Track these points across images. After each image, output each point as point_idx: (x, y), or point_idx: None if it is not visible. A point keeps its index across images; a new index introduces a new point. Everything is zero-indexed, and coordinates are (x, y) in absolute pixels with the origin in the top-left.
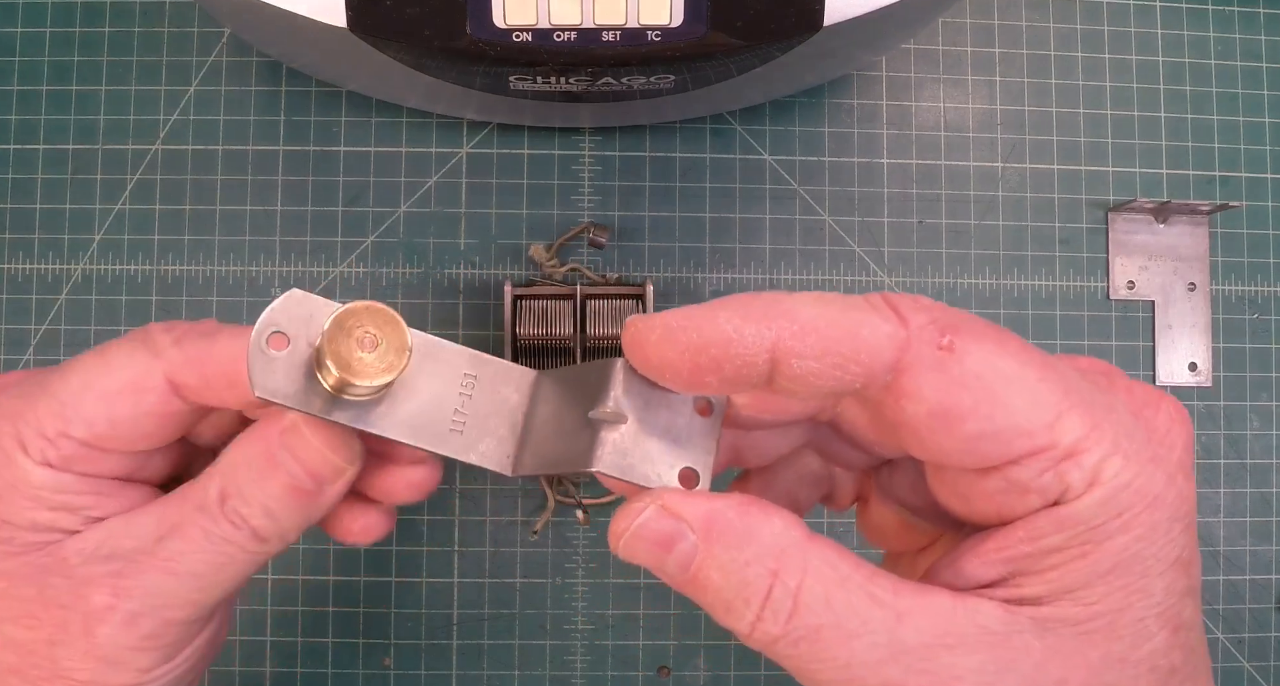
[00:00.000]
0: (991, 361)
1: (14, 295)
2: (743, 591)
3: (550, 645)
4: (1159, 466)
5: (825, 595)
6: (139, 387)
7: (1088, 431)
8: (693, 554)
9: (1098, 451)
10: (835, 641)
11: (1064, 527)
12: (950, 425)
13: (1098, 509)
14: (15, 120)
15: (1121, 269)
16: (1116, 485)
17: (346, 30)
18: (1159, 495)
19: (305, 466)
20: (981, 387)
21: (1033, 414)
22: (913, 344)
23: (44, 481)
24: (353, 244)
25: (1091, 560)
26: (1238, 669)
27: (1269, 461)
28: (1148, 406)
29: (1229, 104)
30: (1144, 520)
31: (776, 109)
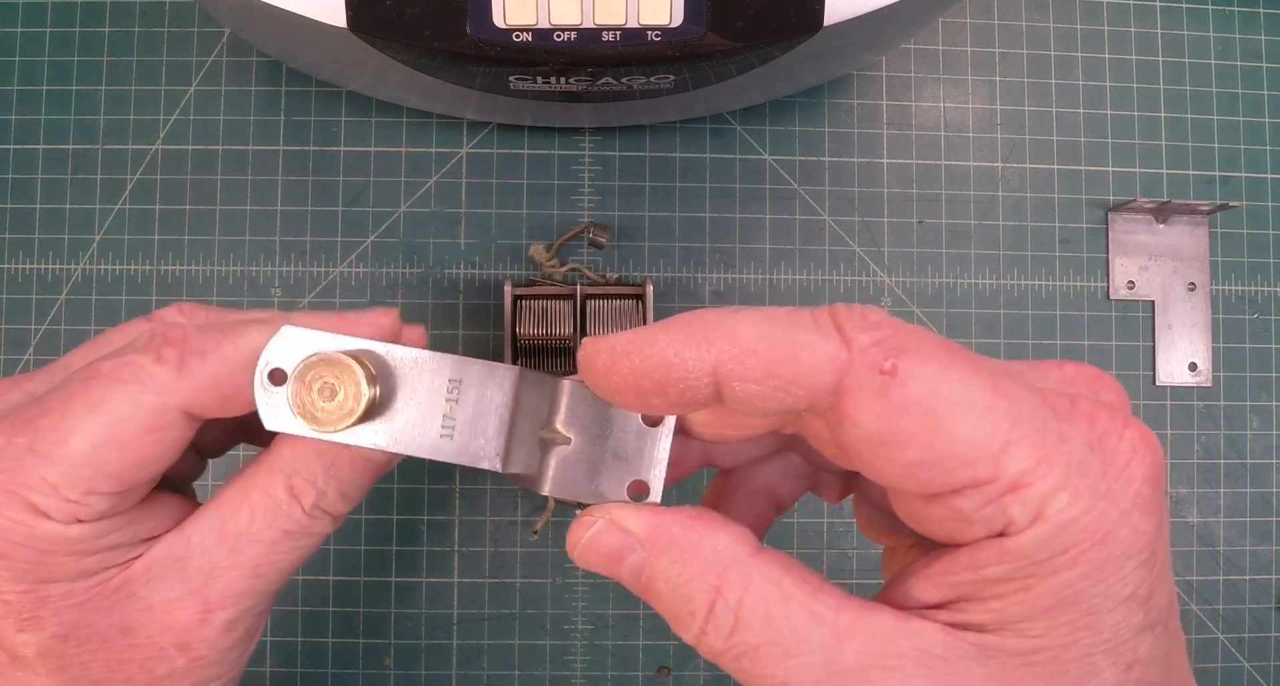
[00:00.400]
0: (935, 386)
1: (14, 295)
2: (687, 605)
3: (550, 645)
4: (1112, 502)
5: (765, 612)
6: (157, 428)
7: (1034, 463)
8: (641, 566)
9: (1043, 485)
10: (773, 659)
11: (1006, 559)
12: (890, 452)
13: (1041, 544)
14: (15, 120)
15: (1121, 269)
16: (1062, 521)
17: (346, 30)
18: (1109, 532)
19: None
20: (923, 414)
21: (976, 443)
22: (854, 367)
23: (81, 535)
24: (353, 244)
25: (1034, 594)
26: (1238, 669)
27: (1269, 461)
28: (1109, 435)
29: (1229, 104)
30: (1091, 557)
31: (776, 109)
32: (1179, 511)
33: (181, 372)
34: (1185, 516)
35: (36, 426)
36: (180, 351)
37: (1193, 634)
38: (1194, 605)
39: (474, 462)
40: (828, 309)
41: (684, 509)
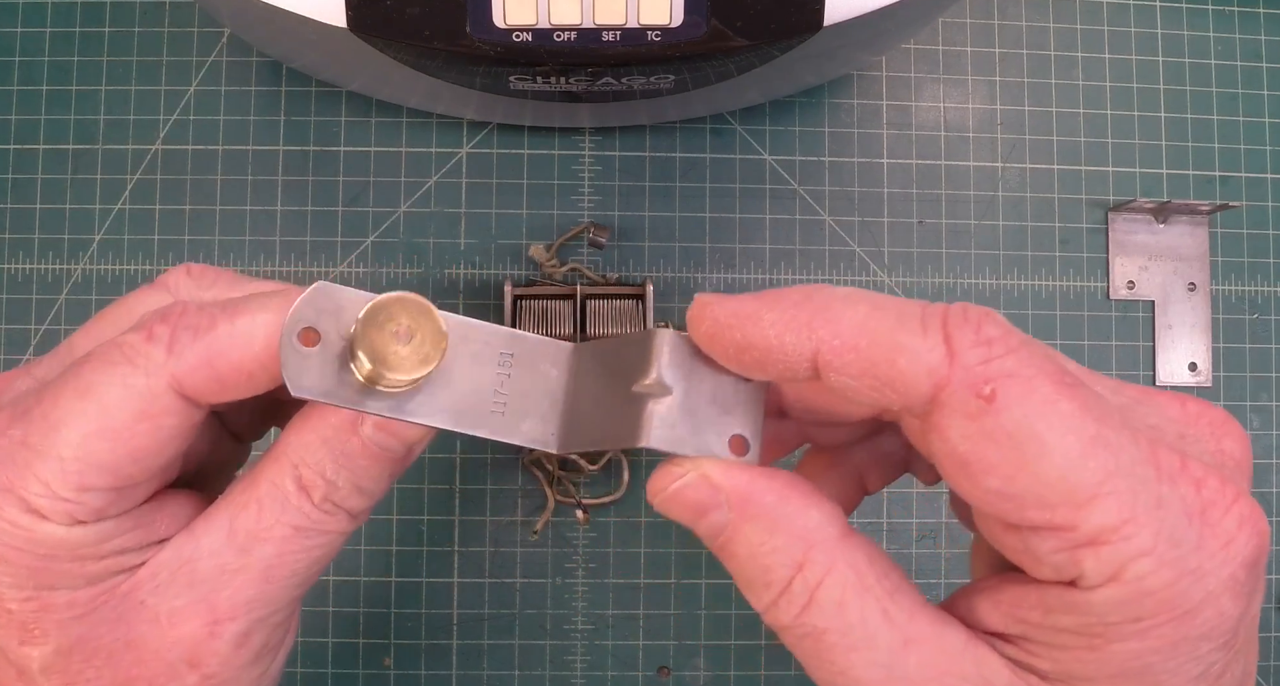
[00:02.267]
0: (1032, 422)
1: (14, 295)
2: (764, 575)
3: (550, 645)
4: (1199, 580)
5: (840, 600)
6: (150, 414)
7: (1119, 523)
8: (724, 526)
9: (1125, 547)
10: (837, 648)
11: (1075, 612)
12: (972, 476)
13: (1113, 607)
14: (15, 120)
15: (1121, 269)
16: (1139, 589)
17: (346, 30)
18: (1191, 610)
19: (398, 434)
20: (1013, 447)
21: (1062, 489)
22: (952, 384)
23: (83, 538)
24: (353, 244)
25: (1100, 655)
26: None
27: (1269, 461)
28: (1214, 508)
29: (1229, 104)
30: (1165, 633)
31: (776, 109)
32: None
33: (172, 351)
34: None
35: (30, 417)
36: (173, 328)
37: None
38: None
39: (526, 442)
40: (942, 310)
41: (780, 475)
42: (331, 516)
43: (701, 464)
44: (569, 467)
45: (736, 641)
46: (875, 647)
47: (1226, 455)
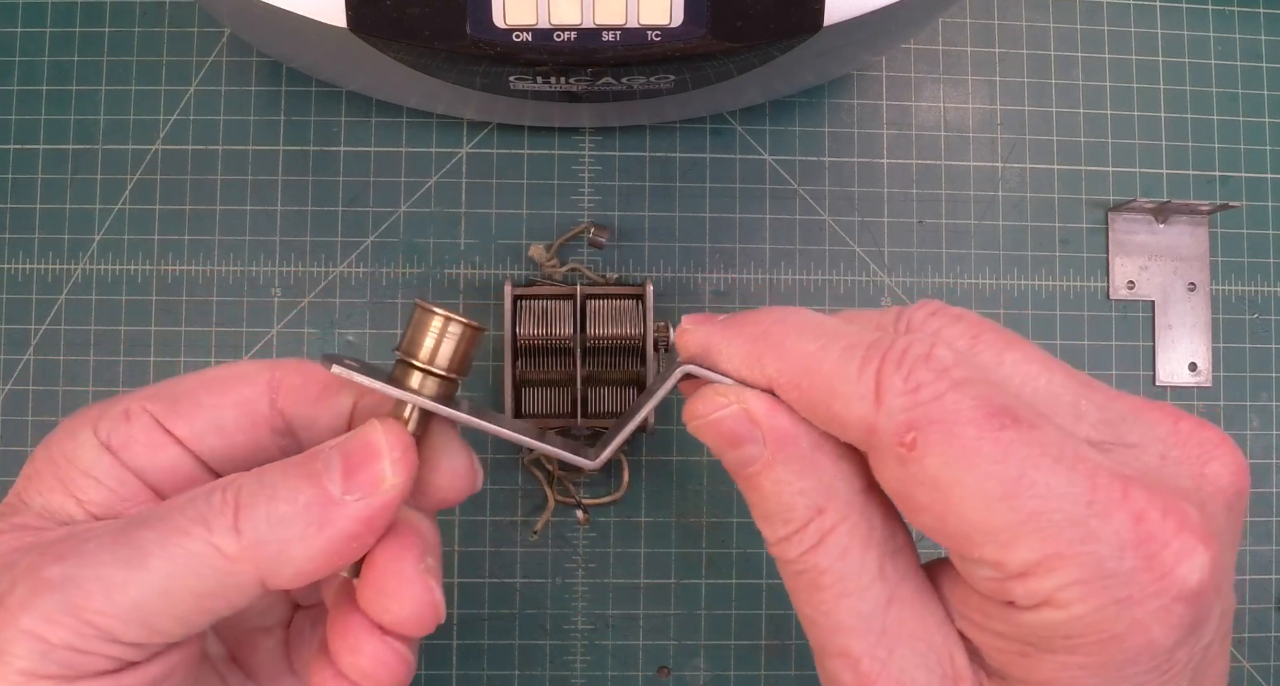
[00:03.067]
0: (950, 470)
1: (14, 295)
2: (785, 512)
3: (550, 645)
4: (1126, 608)
5: (846, 548)
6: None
7: (1042, 558)
8: (755, 459)
9: (1049, 580)
10: (830, 590)
11: (1009, 623)
12: (907, 513)
13: (1041, 627)
14: (15, 120)
15: (1121, 269)
16: (1068, 615)
17: (346, 30)
18: (1117, 635)
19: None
20: (936, 491)
21: (983, 529)
22: (878, 431)
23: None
24: (353, 244)
25: (1030, 663)
26: (1238, 668)
27: (1269, 461)
28: (1152, 541)
29: (1229, 104)
30: (1092, 653)
31: (776, 109)
32: None
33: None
34: None
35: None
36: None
37: None
38: None
39: (570, 457)
40: (884, 350)
41: (810, 425)
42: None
43: (746, 397)
44: (569, 468)
45: (736, 641)
46: (863, 598)
47: (1208, 479)
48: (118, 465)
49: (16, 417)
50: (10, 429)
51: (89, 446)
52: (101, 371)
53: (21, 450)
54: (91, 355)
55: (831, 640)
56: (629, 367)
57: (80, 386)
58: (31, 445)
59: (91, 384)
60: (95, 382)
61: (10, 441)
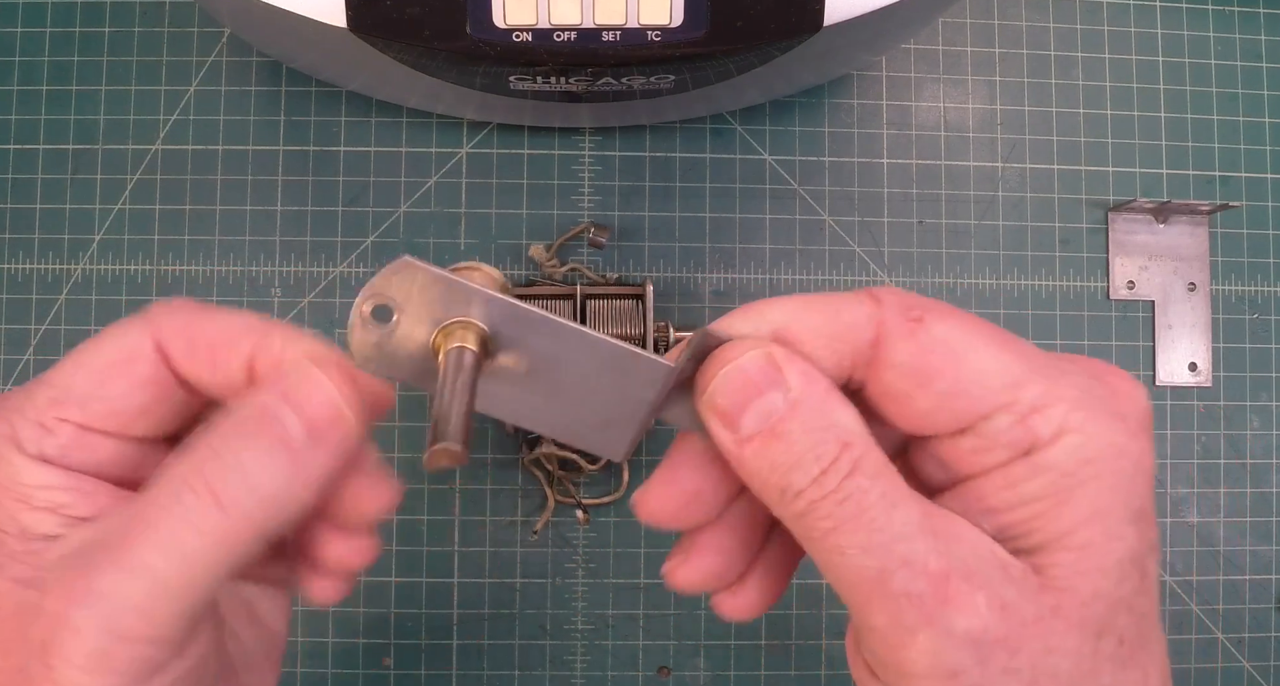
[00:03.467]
0: (955, 332)
1: (14, 295)
2: (816, 448)
3: (550, 645)
4: (1121, 421)
5: (879, 469)
6: (129, 357)
7: (1048, 390)
8: (777, 409)
9: (1061, 406)
10: (878, 506)
11: (1039, 473)
12: (924, 385)
13: (1068, 455)
14: (15, 120)
15: (1121, 269)
16: (1084, 434)
17: (346, 30)
18: (1124, 446)
19: (300, 409)
20: (947, 351)
21: (995, 375)
22: (887, 318)
23: (33, 476)
24: (353, 244)
25: (1071, 506)
26: (1238, 668)
27: (1269, 461)
28: (1108, 375)
29: (1229, 104)
30: (1112, 468)
31: (776, 109)
32: (1179, 511)
33: (172, 313)
34: (1185, 516)
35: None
36: (188, 302)
37: (1193, 634)
38: (1194, 605)
39: (603, 451)
40: (864, 289)
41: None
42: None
43: (769, 344)
44: (569, 467)
45: (736, 641)
46: (909, 507)
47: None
48: (65, 472)
49: None
50: None
51: (27, 465)
52: None
53: None
54: None
55: (894, 552)
56: None
57: None
58: None
59: None
60: None
61: None
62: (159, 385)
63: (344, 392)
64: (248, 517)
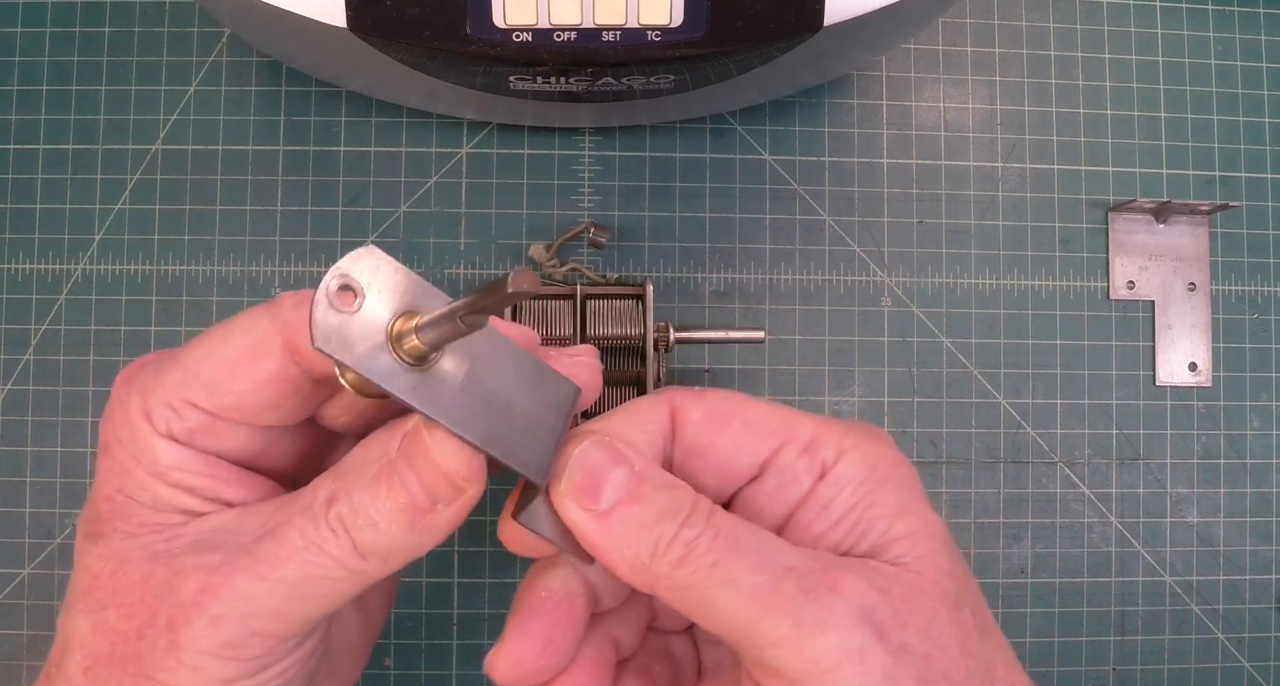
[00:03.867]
0: (730, 397)
1: (14, 295)
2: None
3: None
4: (885, 444)
5: (726, 513)
6: (257, 352)
7: (819, 429)
8: (629, 481)
9: (833, 437)
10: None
11: (839, 488)
12: (718, 433)
13: (856, 466)
14: (15, 120)
15: (1121, 269)
16: (860, 450)
17: (346, 30)
18: (895, 456)
19: (421, 478)
20: (730, 405)
21: (772, 417)
22: (674, 397)
23: (166, 455)
24: (353, 244)
25: (880, 506)
26: (1238, 668)
27: (1269, 461)
28: (854, 425)
29: (1229, 104)
30: (897, 474)
31: (776, 109)
32: (1179, 511)
33: (299, 305)
34: (1185, 516)
35: (190, 343)
36: (299, 296)
37: (1193, 634)
38: (1194, 605)
39: (522, 469)
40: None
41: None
42: (336, 538)
43: (597, 432)
44: None
45: None
46: (768, 533)
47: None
48: (195, 454)
49: (16, 417)
50: (10, 429)
51: (160, 443)
52: (101, 371)
53: (21, 450)
54: (91, 355)
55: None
56: (629, 368)
57: (80, 386)
58: (32, 445)
59: (91, 384)
60: (95, 383)
61: (10, 441)
62: (286, 382)
63: (469, 459)
64: (383, 563)
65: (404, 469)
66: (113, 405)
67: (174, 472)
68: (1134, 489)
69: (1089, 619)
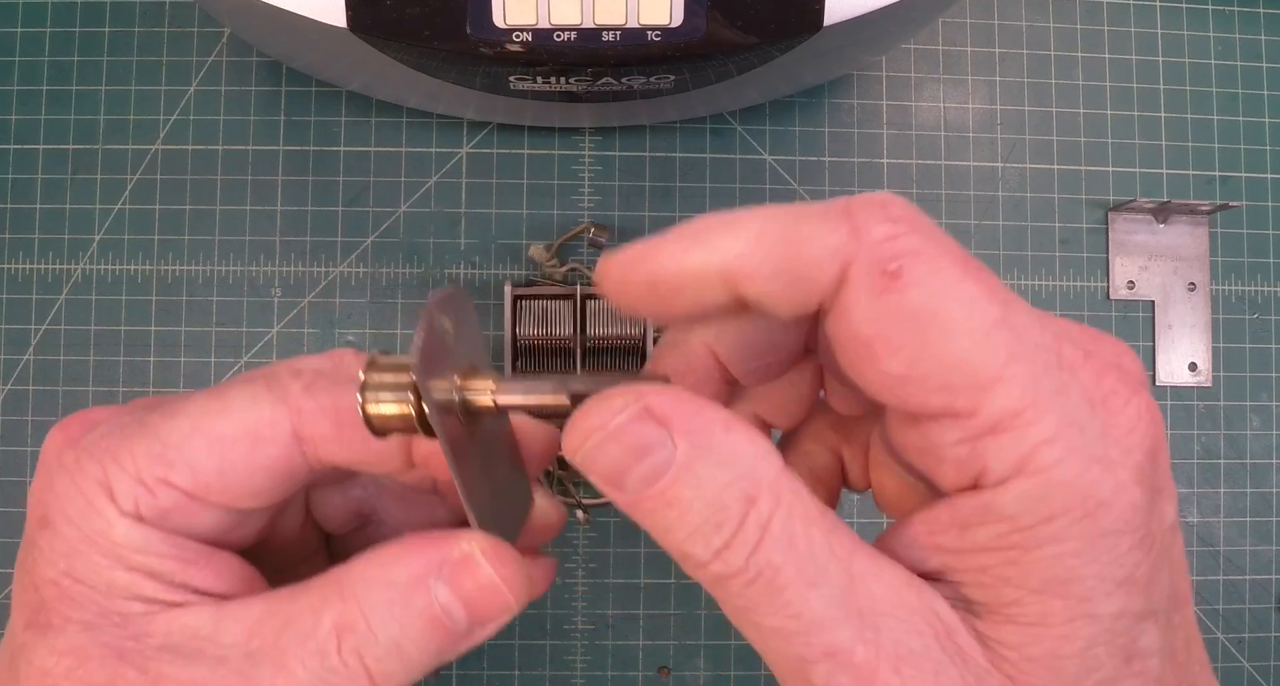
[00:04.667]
0: (937, 299)
1: (14, 295)
2: (715, 515)
3: (550, 645)
4: (1109, 469)
5: (790, 534)
6: (259, 437)
7: (1024, 407)
8: (667, 467)
9: (1030, 433)
10: (793, 586)
11: (988, 519)
12: (876, 358)
13: (1023, 505)
14: (15, 120)
15: (1121, 269)
16: (1047, 480)
17: (346, 30)
18: (1104, 501)
19: (466, 600)
20: (916, 327)
21: (963, 370)
22: (859, 261)
23: (127, 536)
24: (353, 244)
25: (1021, 569)
26: (1238, 669)
27: (1269, 461)
28: (1115, 396)
29: (1229, 104)
30: (1081, 531)
31: (776, 109)
32: (1179, 511)
33: (310, 392)
34: (1185, 516)
35: (165, 406)
36: (318, 375)
37: None
38: (1194, 605)
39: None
40: (846, 199)
41: (716, 405)
42: (349, 671)
43: (643, 393)
44: (569, 467)
45: (736, 641)
46: (830, 581)
47: (1125, 368)
48: (161, 535)
49: (16, 417)
50: (10, 429)
51: (120, 522)
52: (101, 371)
53: (21, 450)
54: (91, 355)
55: (813, 643)
56: (629, 368)
57: (80, 386)
58: (32, 445)
59: (91, 384)
60: (95, 383)
61: (10, 441)
62: (287, 469)
63: (507, 575)
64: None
65: (444, 591)
66: (55, 472)
67: (135, 556)
68: None
69: None
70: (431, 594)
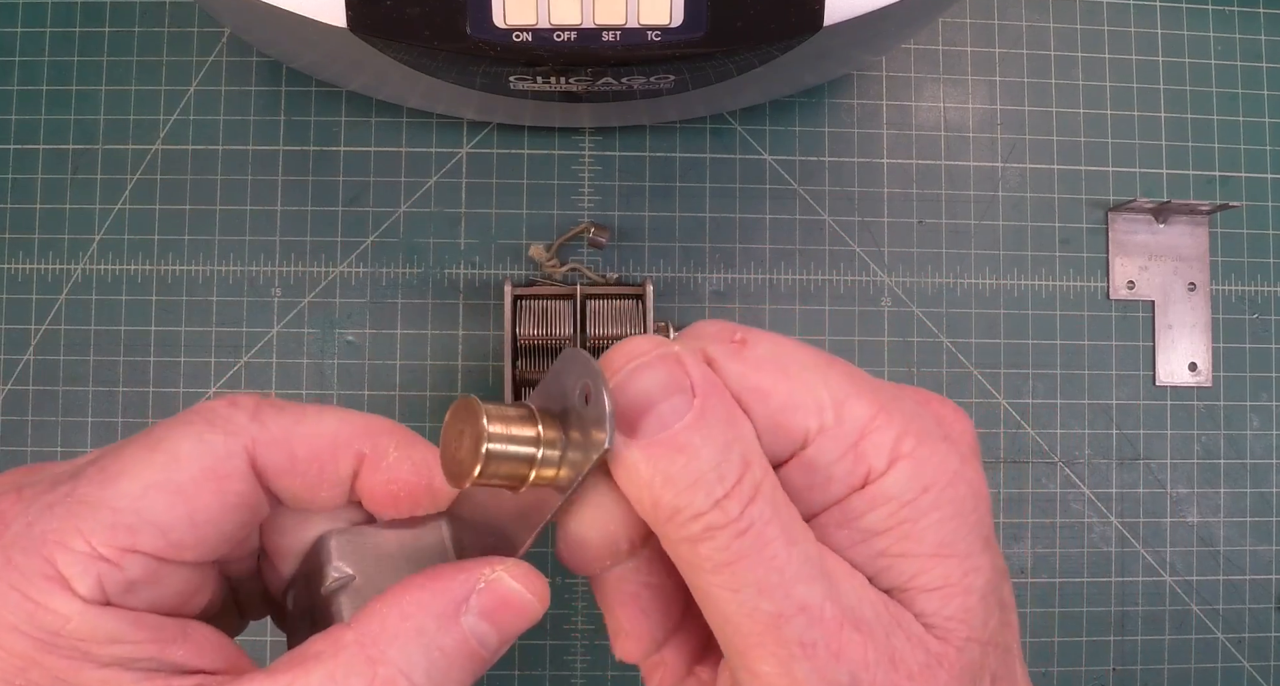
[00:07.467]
0: (779, 350)
1: (14, 295)
2: (718, 467)
3: (550, 645)
4: (952, 447)
5: (775, 499)
6: (219, 474)
7: (875, 412)
8: (685, 411)
9: (890, 430)
10: (778, 542)
11: (876, 504)
12: (753, 403)
13: (905, 483)
14: (15, 120)
15: (1121, 269)
16: (916, 460)
17: (346, 30)
18: (958, 471)
19: (497, 621)
20: (773, 368)
21: (820, 391)
22: (710, 346)
23: (93, 627)
24: (353, 244)
25: (914, 540)
26: (1238, 669)
27: (1269, 461)
28: (933, 402)
29: (1229, 104)
30: (950, 496)
31: (776, 109)
32: (1179, 511)
33: (260, 421)
34: (1185, 516)
35: (84, 473)
36: (259, 403)
37: (1193, 634)
38: (1194, 605)
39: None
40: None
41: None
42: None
43: (671, 346)
44: None
45: None
46: (806, 544)
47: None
48: (132, 617)
49: (16, 417)
50: (10, 429)
51: (82, 613)
52: (101, 371)
53: (21, 450)
54: (91, 355)
55: (791, 596)
56: None
57: (80, 386)
58: (32, 445)
59: (91, 384)
60: (95, 383)
61: (10, 441)
62: (253, 504)
63: (528, 583)
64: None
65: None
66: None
67: (105, 648)
68: (1134, 489)
69: (1089, 619)
70: (463, 627)
